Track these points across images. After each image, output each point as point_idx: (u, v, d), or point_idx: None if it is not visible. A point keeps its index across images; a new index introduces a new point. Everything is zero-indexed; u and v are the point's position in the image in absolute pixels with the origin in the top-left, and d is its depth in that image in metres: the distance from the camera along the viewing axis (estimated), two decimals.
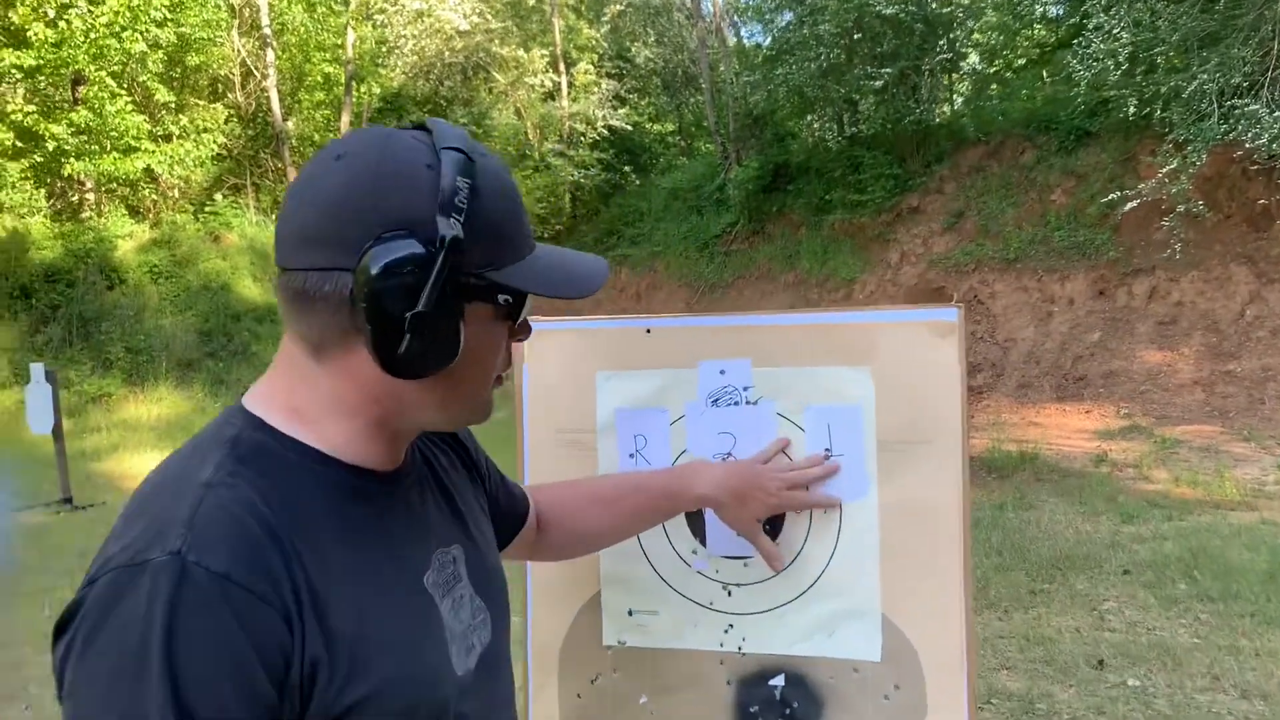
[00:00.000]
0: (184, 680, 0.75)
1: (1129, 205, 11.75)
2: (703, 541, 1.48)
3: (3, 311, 15.83)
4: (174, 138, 18.73)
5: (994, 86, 18.85)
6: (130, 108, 17.03)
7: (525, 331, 0.99)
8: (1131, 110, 11.69)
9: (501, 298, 0.90)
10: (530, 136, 21.95)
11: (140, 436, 13.04)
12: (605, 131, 21.50)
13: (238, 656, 0.77)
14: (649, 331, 1.49)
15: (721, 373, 1.46)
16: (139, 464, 11.28)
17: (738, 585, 1.47)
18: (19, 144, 17.00)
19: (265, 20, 20.05)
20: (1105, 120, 13.65)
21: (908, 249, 15.24)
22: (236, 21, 20.80)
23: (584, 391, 1.51)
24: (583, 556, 1.44)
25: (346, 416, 0.91)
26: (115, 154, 17.07)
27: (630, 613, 1.51)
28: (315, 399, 0.91)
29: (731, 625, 1.47)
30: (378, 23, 22.00)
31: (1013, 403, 11.68)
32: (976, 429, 10.54)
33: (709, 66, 20.15)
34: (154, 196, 19.80)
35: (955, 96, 19.96)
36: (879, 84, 15.37)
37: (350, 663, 0.84)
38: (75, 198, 18.78)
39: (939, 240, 14.95)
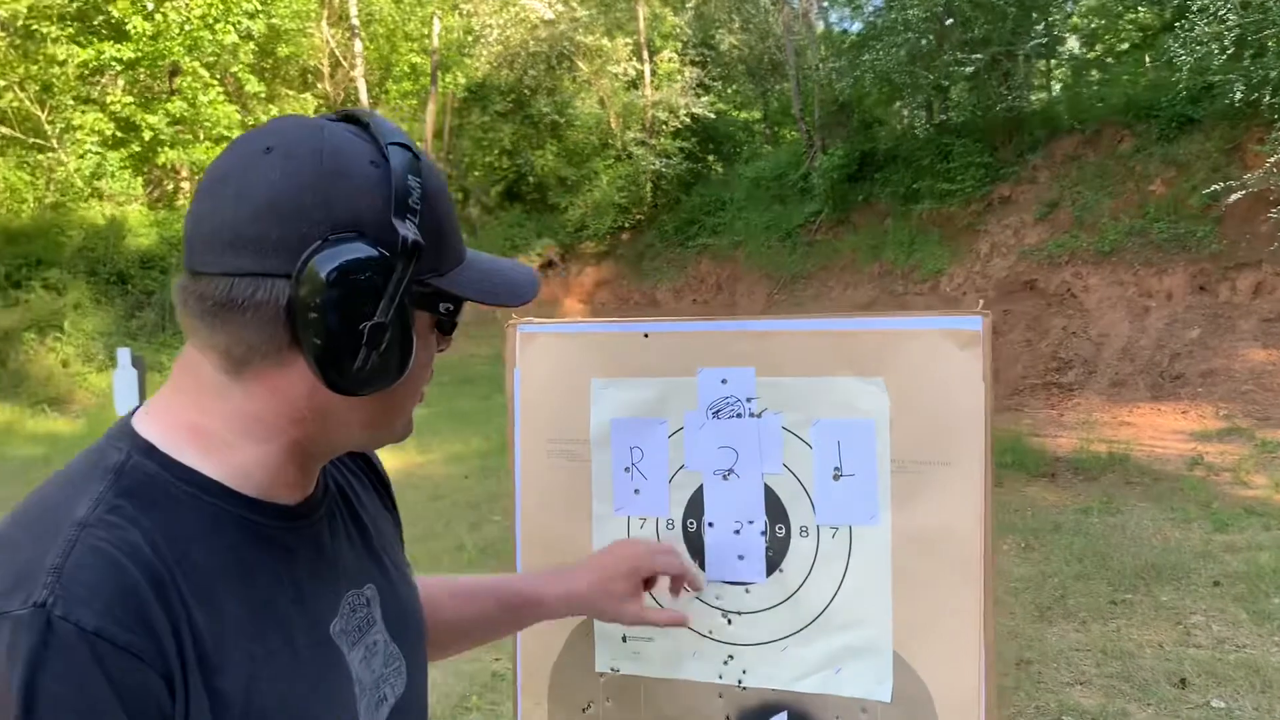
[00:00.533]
0: None
1: (1234, 196, 11.19)
2: (702, 565, 1.37)
3: (100, 297, 16.37)
4: None
5: (1093, 72, 18.18)
6: (222, 98, 17.47)
7: (447, 341, 0.89)
8: (1238, 96, 11.14)
9: (443, 306, 0.82)
10: (612, 125, 21.90)
11: None
12: (688, 120, 21.32)
13: None
14: (646, 336, 1.38)
15: (723, 382, 1.34)
16: None
17: (738, 614, 1.35)
18: (119, 134, 17.57)
19: (353, 11, 20.35)
20: (1209, 107, 13.03)
21: (998, 240, 14.78)
22: (325, 12, 21.15)
23: (578, 399, 1.41)
24: (434, 658, 1.24)
25: (260, 440, 0.81)
26: (208, 143, 17.53)
27: (624, 638, 1.40)
28: (224, 420, 0.80)
29: (731, 656, 1.36)
30: (464, 12, 22.17)
31: (1104, 401, 11.23)
32: (1064, 428, 10.16)
33: (795, 53, 19.82)
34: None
35: (1053, 83, 19.29)
36: (970, 70, 14.93)
37: None
38: (170, 186, 19.36)
39: (1031, 231, 14.46)
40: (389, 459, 1.12)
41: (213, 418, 0.80)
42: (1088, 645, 4.67)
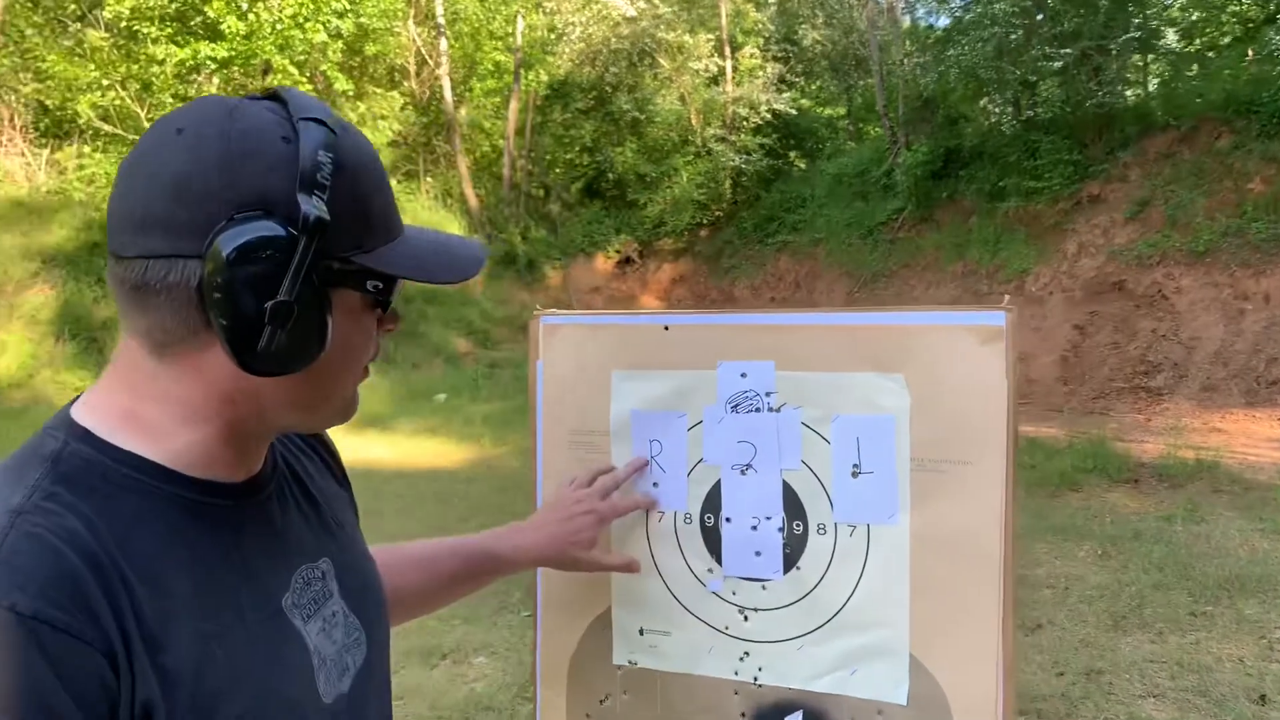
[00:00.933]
0: None
1: None
2: (719, 560, 1.36)
3: None
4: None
5: (1194, 66, 17.54)
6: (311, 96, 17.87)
7: (394, 321, 0.89)
8: None
9: (371, 284, 0.81)
10: (693, 122, 21.86)
11: None
12: (769, 116, 21.18)
13: (53, 709, 0.68)
14: (667, 329, 1.37)
15: (743, 376, 1.33)
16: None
17: (755, 610, 1.34)
18: None
19: (439, 10, 20.66)
20: None
21: (1086, 240, 14.39)
22: (412, 11, 21.51)
23: (598, 391, 1.40)
24: (402, 621, 1.26)
25: (194, 423, 0.81)
26: None
27: (641, 632, 1.40)
28: (157, 405, 0.81)
29: (748, 653, 1.34)
30: (547, 10, 22.34)
31: (1194, 406, 10.86)
32: (1151, 433, 9.85)
33: (879, 48, 19.55)
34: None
35: (1149, 77, 18.68)
36: (1059, 65, 14.54)
37: (193, 704, 0.75)
38: None
39: (1120, 231, 14.04)
40: (456, 450, 1.15)
41: (146, 403, 0.81)
42: (1163, 657, 4.52)
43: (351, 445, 11.18)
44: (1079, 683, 4.30)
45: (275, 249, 0.73)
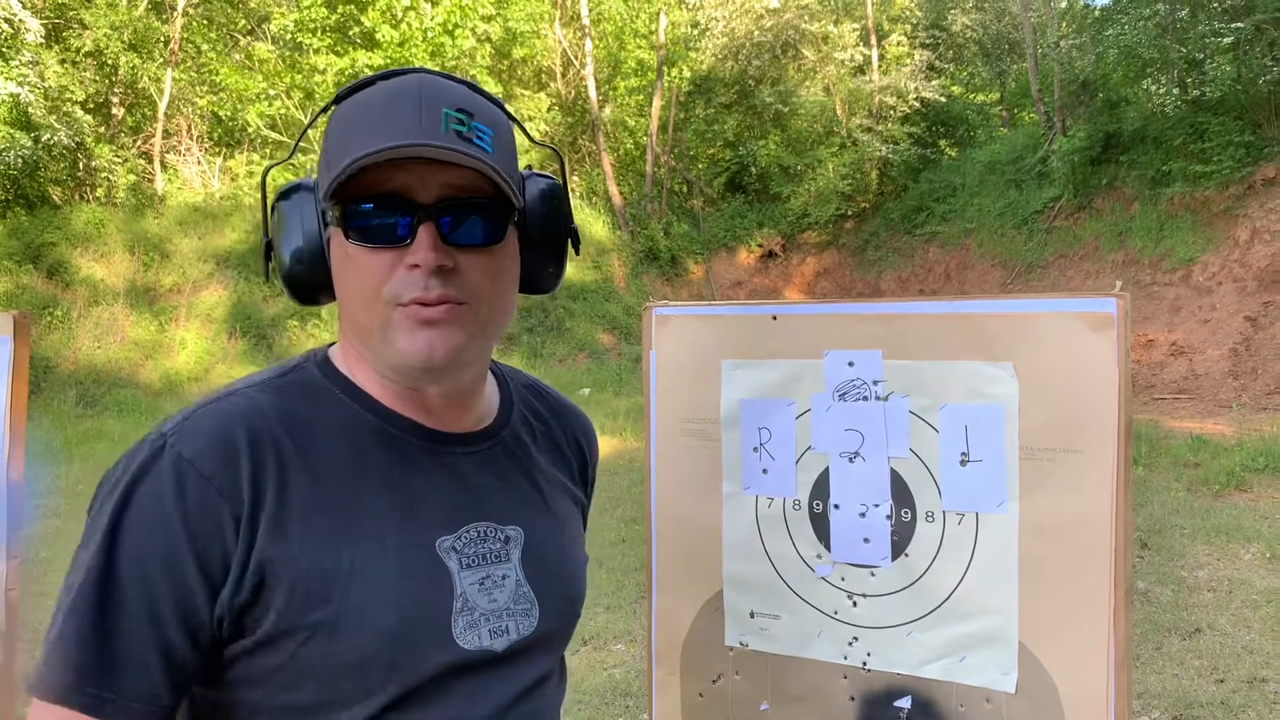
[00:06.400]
0: (121, 545, 0.84)
1: None
2: (827, 546, 1.38)
3: None
4: None
5: None
6: None
7: (416, 254, 0.89)
8: None
9: (329, 214, 0.93)
10: (838, 112, 21.54)
11: None
12: (917, 104, 20.67)
13: (172, 536, 0.84)
14: (775, 318, 1.40)
15: (850, 365, 1.35)
16: None
17: (863, 596, 1.35)
18: None
19: (584, 11, 20.97)
20: None
21: (1260, 225, 13.52)
22: (558, 13, 21.91)
23: (709, 380, 1.44)
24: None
25: (355, 360, 0.99)
26: None
27: (752, 614, 1.43)
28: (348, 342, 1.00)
29: (856, 638, 1.36)
30: (690, 5, 22.38)
31: None
32: None
33: (1033, 30, 18.83)
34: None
35: None
36: (1229, 40, 13.68)
37: (305, 585, 0.87)
38: None
39: None
40: (599, 443, 1.23)
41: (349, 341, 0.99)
42: None
43: None
44: (1240, 690, 4.08)
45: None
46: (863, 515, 1.35)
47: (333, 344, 1.01)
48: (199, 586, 0.85)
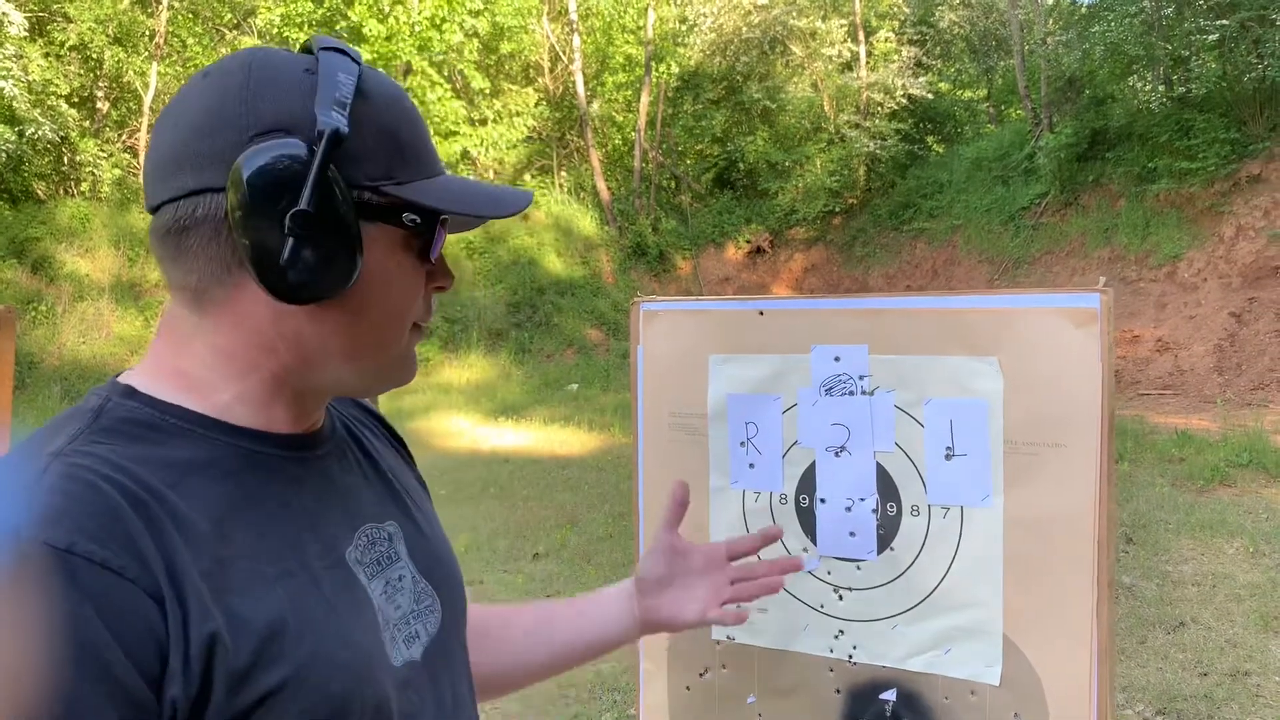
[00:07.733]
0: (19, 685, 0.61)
1: None
2: (814, 540, 1.38)
3: None
4: (489, 122, 20.07)
5: None
6: (449, 95, 18.41)
7: (446, 278, 0.85)
8: None
9: (408, 218, 0.78)
10: (825, 109, 21.57)
11: (452, 399, 14.16)
12: (904, 100, 20.72)
13: (92, 647, 0.63)
14: (762, 313, 1.40)
15: (836, 360, 1.35)
16: (450, 423, 12.28)
17: (849, 589, 1.36)
18: None
19: (572, 6, 20.94)
20: None
21: (1245, 221, 13.60)
22: (546, 8, 21.88)
23: (696, 374, 1.45)
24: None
25: (238, 375, 0.79)
26: (436, 138, 18.53)
27: (739, 607, 1.44)
28: (202, 361, 0.79)
29: (842, 631, 1.37)
30: (678, 2, 22.38)
31: None
32: None
33: (1020, 27, 18.89)
34: (471, 177, 21.35)
35: None
36: (1214, 38, 13.75)
37: (259, 645, 0.71)
38: None
39: None
40: (587, 439, 1.20)
41: (192, 360, 0.79)
42: None
43: (486, 433, 11.53)
44: (1224, 684, 4.11)
45: (295, 162, 0.72)
46: (849, 509, 1.36)
47: (118, 375, 0.81)
48: (152, 701, 0.66)
